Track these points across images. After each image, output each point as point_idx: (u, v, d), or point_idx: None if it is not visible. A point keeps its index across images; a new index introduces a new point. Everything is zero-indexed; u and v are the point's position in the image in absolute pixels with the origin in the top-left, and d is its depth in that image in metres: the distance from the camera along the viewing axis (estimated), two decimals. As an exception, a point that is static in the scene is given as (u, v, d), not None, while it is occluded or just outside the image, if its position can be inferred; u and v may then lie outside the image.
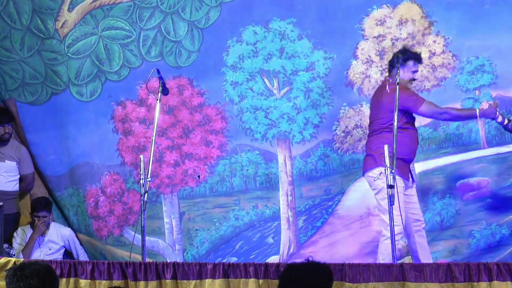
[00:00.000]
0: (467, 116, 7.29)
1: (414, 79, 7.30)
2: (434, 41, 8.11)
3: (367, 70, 8.18)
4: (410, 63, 7.20)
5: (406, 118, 7.08)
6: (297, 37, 8.40)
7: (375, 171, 7.02)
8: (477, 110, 7.10)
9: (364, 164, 7.23)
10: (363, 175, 7.26)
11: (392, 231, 6.48)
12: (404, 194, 7.02)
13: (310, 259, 4.47)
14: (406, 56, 7.20)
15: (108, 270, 6.27)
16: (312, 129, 8.35)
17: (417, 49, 7.93)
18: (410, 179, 7.12)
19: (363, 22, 8.25)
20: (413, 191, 7.24)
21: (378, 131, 7.20)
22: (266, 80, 8.47)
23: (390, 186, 6.43)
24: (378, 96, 7.28)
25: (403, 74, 7.13)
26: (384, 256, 6.95)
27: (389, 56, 7.84)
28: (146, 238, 8.11)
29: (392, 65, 7.24)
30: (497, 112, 7.16)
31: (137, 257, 7.41)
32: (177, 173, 8.60)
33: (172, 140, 8.62)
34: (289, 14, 8.43)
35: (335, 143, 8.30)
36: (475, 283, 5.64)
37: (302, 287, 4.33)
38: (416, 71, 7.28)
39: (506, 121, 7.21)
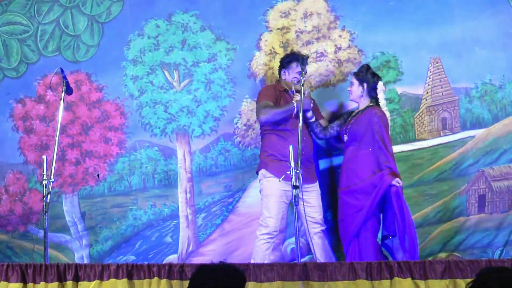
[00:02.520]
0: (287, 110, 7.14)
1: (300, 81, 7.18)
2: (340, 36, 7.97)
3: (270, 62, 8.00)
4: (294, 65, 7.37)
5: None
6: (199, 29, 8.24)
7: (260, 174, 7.35)
8: (295, 103, 7.10)
9: None
10: None
11: (297, 232, 6.56)
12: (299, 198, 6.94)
13: (224, 261, 4.32)
14: (289, 58, 7.45)
15: (6, 272, 6.11)
16: (212, 122, 8.14)
17: (323, 43, 7.99)
18: (300, 180, 6.81)
19: (267, 14, 8.12)
20: (310, 194, 7.22)
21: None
22: (166, 73, 8.26)
23: (295, 187, 6.53)
24: None
25: (288, 76, 7.43)
26: (257, 259, 7.02)
27: (293, 48, 7.87)
28: (53, 233, 8.18)
29: (279, 69, 7.57)
30: (312, 104, 7.27)
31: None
32: (78, 172, 8.36)
33: (72, 138, 8.39)
34: (192, 7, 8.31)
35: (236, 137, 8.09)
36: (376, 281, 5.74)
37: (215, 288, 4.15)
38: (300, 72, 7.15)
39: (313, 119, 7.34)
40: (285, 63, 7.44)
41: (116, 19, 8.45)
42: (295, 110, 7.04)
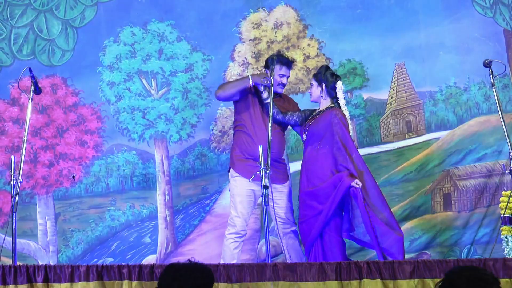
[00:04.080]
0: (242, 82, 7.05)
1: (283, 83, 7.26)
2: (309, 45, 8.32)
3: (244, 72, 8.29)
4: (277, 67, 7.17)
5: (240, 118, 7.23)
6: (176, 39, 8.49)
7: (229, 173, 7.26)
8: (250, 76, 7.04)
9: None
10: None
11: (266, 231, 6.46)
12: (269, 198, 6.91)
13: (192, 260, 4.31)
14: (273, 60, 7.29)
15: (-26, 274, 5.99)
16: (189, 128, 8.42)
17: (292, 52, 8.21)
18: (269, 180, 6.68)
19: (240, 25, 8.43)
20: (280, 194, 7.16)
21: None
22: (144, 81, 8.48)
23: (265, 187, 6.38)
24: None
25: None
26: (225, 258, 7.03)
27: (264, 58, 7.81)
28: (18, 240, 7.78)
29: (263, 68, 7.42)
30: (267, 81, 6.98)
31: (7, 261, 7.24)
32: (52, 174, 8.44)
33: (46, 140, 8.47)
34: (167, 16, 8.52)
35: (212, 143, 8.40)
36: (345, 282, 5.72)
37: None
38: (283, 75, 7.21)
39: (268, 100, 6.98)
40: (269, 63, 7.21)
41: (90, 24, 8.56)
42: (251, 82, 6.93)
